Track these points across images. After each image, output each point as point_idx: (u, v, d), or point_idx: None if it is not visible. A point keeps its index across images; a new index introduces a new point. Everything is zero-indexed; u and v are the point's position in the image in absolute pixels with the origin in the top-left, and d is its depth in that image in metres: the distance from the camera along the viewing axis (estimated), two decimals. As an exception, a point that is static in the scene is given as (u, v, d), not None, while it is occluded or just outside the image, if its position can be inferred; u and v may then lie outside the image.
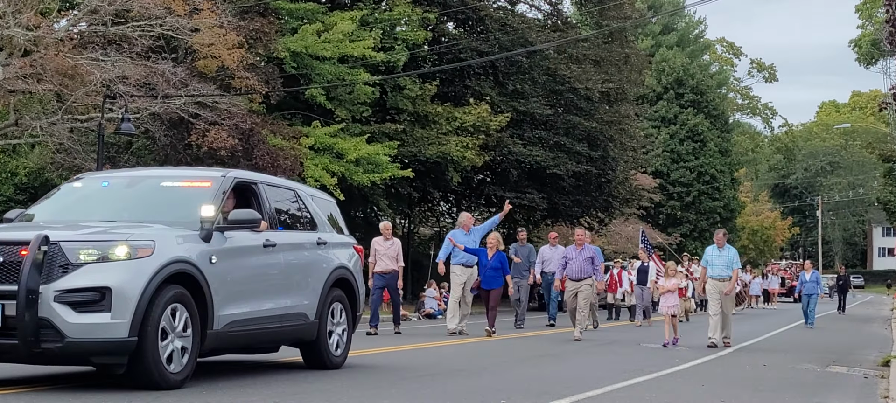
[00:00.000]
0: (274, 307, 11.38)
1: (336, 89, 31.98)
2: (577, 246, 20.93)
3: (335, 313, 12.66)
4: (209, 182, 11.23)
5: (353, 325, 13.27)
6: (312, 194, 13.49)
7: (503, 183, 39.83)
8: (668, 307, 20.00)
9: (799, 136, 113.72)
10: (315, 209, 12.96)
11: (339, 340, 12.74)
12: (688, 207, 69.75)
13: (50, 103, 25.83)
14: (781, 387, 12.54)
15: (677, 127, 70.85)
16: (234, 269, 10.74)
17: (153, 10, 24.54)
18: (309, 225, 12.67)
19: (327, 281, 12.42)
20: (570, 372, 13.55)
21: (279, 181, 13.06)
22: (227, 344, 10.89)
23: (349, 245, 13.49)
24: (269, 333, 11.54)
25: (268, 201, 11.77)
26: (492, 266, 20.77)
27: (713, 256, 20.10)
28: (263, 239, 11.27)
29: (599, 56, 41.37)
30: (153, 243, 9.65)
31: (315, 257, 12.45)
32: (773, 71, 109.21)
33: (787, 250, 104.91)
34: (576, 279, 20.67)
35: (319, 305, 12.21)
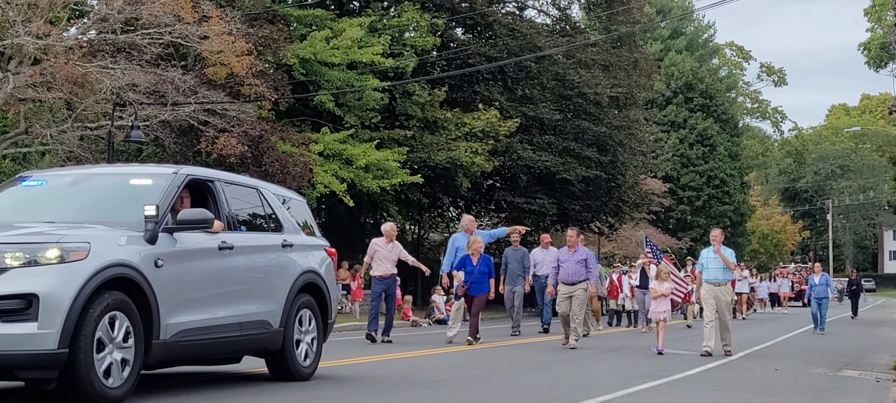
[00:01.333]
0: (231, 314, 10.55)
1: (345, 95, 32.00)
2: (570, 247, 19.69)
3: (303, 320, 11.81)
4: (158, 179, 10.40)
5: (325, 333, 12.51)
6: (279, 193, 12.59)
7: (513, 188, 39.84)
8: (658, 313, 18.97)
9: (809, 140, 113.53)
10: (281, 209, 12.13)
11: (307, 349, 11.88)
12: (698, 211, 69.67)
13: (60, 111, 25.88)
14: (792, 392, 12.50)
15: (687, 131, 70.79)
16: (184, 274, 9.90)
17: (162, 17, 24.58)
18: (273, 227, 11.80)
19: (293, 287, 11.56)
20: (578, 378, 13.52)
21: (240, 179, 12.13)
22: (177, 356, 10.01)
23: (320, 248, 12.66)
24: (227, 343, 10.68)
25: (226, 200, 10.97)
26: (480, 271, 19.67)
27: (708, 259, 18.94)
28: (219, 240, 10.44)
29: (608, 61, 41.34)
30: (88, 245, 8.80)
31: (280, 260, 11.57)
32: (783, 74, 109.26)
33: (798, 254, 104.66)
34: (569, 283, 19.47)
35: (285, 312, 11.36)
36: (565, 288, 19.48)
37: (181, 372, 11.91)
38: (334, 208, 33.88)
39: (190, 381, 11.43)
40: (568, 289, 19.43)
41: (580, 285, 19.35)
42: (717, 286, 18.56)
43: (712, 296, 18.49)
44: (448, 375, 13.31)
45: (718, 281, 18.58)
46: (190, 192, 10.67)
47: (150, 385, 10.48)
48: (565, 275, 19.52)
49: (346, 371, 13.23)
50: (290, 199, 12.78)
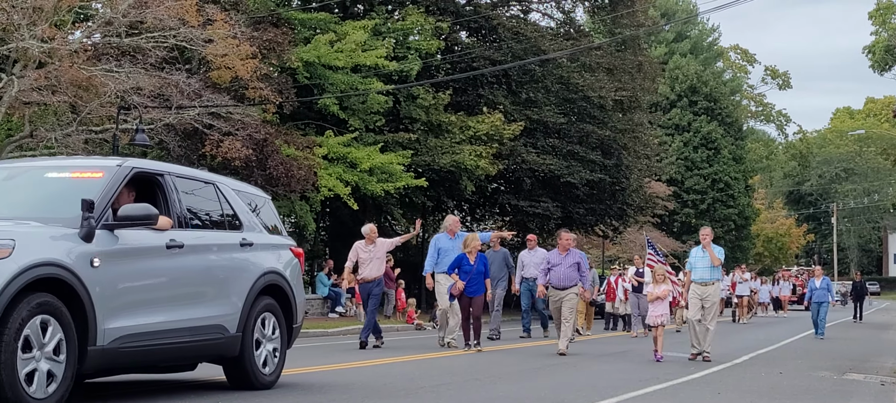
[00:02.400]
0: (180, 318, 9.75)
1: (349, 99, 32.03)
2: (562, 249, 18.36)
3: (264, 325, 11.05)
4: (101, 172, 9.59)
5: (290, 339, 11.70)
6: (240, 189, 11.76)
7: (517, 191, 39.85)
8: (656, 317, 17.90)
9: (813, 143, 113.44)
10: (241, 206, 11.32)
11: (269, 356, 11.09)
12: (702, 215, 69.65)
13: (65, 115, 25.91)
14: (798, 395, 12.48)
15: (691, 134, 70.80)
16: (125, 274, 9.12)
17: (167, 21, 24.61)
18: (231, 224, 11.01)
19: (253, 289, 10.79)
20: (582, 382, 13.51)
21: (195, 173, 11.32)
22: (117, 363, 9.19)
23: (285, 247, 11.90)
24: (175, 349, 9.84)
25: (177, 195, 10.16)
26: (477, 270, 18.57)
27: (696, 258, 18.12)
28: (167, 239, 9.66)
29: (612, 64, 41.35)
30: (12, 242, 8.07)
31: (237, 260, 10.75)
32: (787, 78, 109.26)
33: (803, 257, 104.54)
34: (561, 287, 18.15)
35: (243, 316, 10.58)
36: (556, 292, 18.28)
37: (128, 381, 11.33)
38: (338, 211, 33.92)
39: (137, 390, 10.83)
40: (559, 294, 18.22)
41: (572, 289, 18.13)
42: (704, 285, 17.80)
43: (697, 297, 17.82)
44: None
45: (705, 280, 17.80)
46: (137, 187, 9.95)
47: (91, 394, 10.03)
48: (557, 279, 18.22)
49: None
50: (253, 196, 12.08)
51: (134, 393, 10.58)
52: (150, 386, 11.15)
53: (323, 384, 12.01)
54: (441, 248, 19.50)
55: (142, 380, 11.49)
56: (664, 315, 17.99)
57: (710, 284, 17.76)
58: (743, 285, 38.28)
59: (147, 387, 11.10)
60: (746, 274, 40.01)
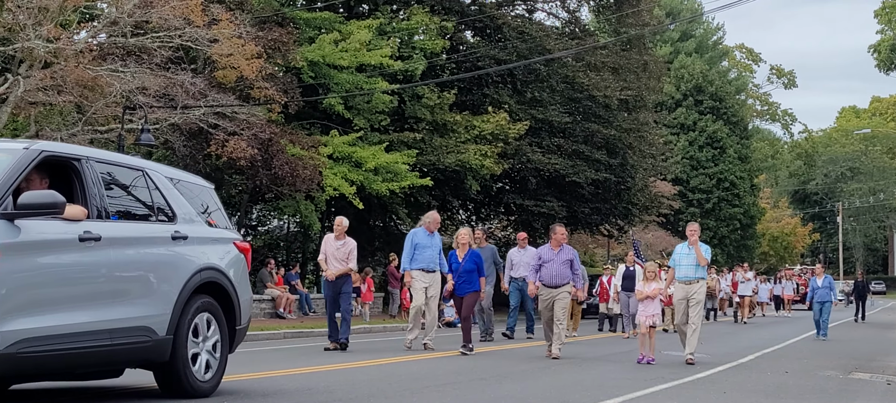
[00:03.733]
0: (97, 320, 8.68)
1: (354, 98, 32.04)
2: (554, 246, 17.36)
3: (201, 327, 9.96)
4: (3, 156, 8.65)
5: (232, 342, 10.64)
6: (175, 177, 10.68)
7: (522, 191, 39.85)
8: (646, 317, 17.05)
9: (819, 142, 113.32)
10: (174, 196, 10.25)
11: (207, 360, 10.02)
12: (707, 214, 69.61)
13: (70, 114, 25.94)
14: (803, 394, 12.47)
15: (696, 133, 70.76)
16: (27, 270, 8.14)
17: (172, 21, 24.62)
18: (162, 216, 9.98)
19: (187, 286, 9.71)
20: (586, 382, 13.50)
21: (121, 158, 10.26)
22: (19, 369, 8.19)
23: (227, 241, 10.83)
24: (92, 354, 8.72)
25: (96, 183, 9.09)
26: (466, 267, 17.81)
27: (681, 255, 17.31)
28: (81, 230, 8.64)
29: (618, 63, 41.33)
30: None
31: (168, 255, 9.70)
32: (793, 77, 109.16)
33: (808, 256, 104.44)
34: (552, 285, 17.16)
35: (174, 317, 9.49)
36: (548, 290, 17.26)
37: (44, 389, 10.44)
38: (344, 211, 33.85)
39: (52, 400, 9.89)
40: (550, 293, 17.22)
41: (564, 287, 17.20)
42: (689, 284, 17.07)
43: (683, 297, 17.12)
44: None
45: (690, 278, 17.06)
46: (51, 173, 8.96)
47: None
48: (548, 277, 17.21)
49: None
50: (191, 185, 10.99)
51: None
52: (68, 395, 10.20)
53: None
54: (417, 244, 18.47)
55: (60, 388, 10.57)
56: (655, 315, 17.18)
57: (694, 282, 17.04)
58: (745, 284, 37.80)
59: (64, 396, 10.11)
60: (749, 273, 39.59)
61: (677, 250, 17.54)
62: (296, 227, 36.01)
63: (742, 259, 67.04)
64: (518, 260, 23.22)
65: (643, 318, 17.05)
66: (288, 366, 14.29)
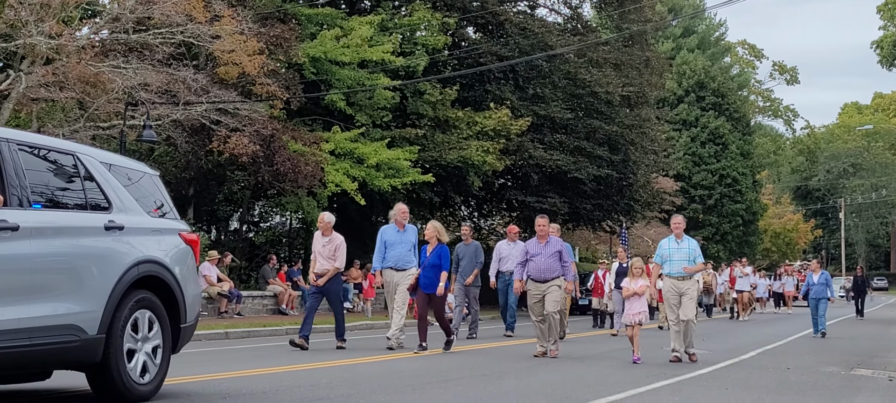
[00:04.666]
0: (15, 317, 7.95)
1: (356, 94, 32.04)
2: (541, 238, 16.60)
3: (139, 325, 9.19)
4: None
5: (177, 341, 9.85)
6: (112, 162, 9.78)
7: (524, 187, 39.83)
8: (632, 314, 16.23)
9: (821, 138, 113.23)
10: (110, 182, 9.42)
11: (146, 362, 9.25)
12: (710, 210, 69.59)
13: (72, 111, 25.96)
14: (805, 391, 12.47)
15: (698, 129, 70.71)
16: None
17: (174, 17, 24.63)
18: (95, 204, 9.14)
19: (122, 281, 8.89)
20: (589, 378, 13.49)
21: (49, 142, 9.39)
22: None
23: (171, 232, 10.06)
24: (10, 355, 7.99)
25: (16, 167, 8.38)
26: (431, 263, 16.85)
27: (671, 250, 16.54)
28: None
29: (620, 59, 41.31)
30: None
31: (100, 247, 8.85)
32: (795, 73, 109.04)
33: (810, 252, 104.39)
34: (540, 280, 16.41)
35: (106, 314, 8.68)
36: (536, 286, 16.51)
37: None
38: (346, 207, 33.91)
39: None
40: (539, 288, 16.48)
41: (554, 282, 16.39)
42: (681, 280, 16.35)
43: (676, 294, 16.38)
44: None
45: (682, 274, 16.34)
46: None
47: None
48: (536, 271, 16.44)
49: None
50: (131, 170, 10.14)
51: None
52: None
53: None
54: (387, 241, 17.72)
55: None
56: (642, 313, 16.26)
57: (687, 278, 16.34)
58: (743, 280, 37.21)
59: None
60: (747, 269, 38.89)
61: (663, 245, 16.79)
62: (298, 224, 35.98)
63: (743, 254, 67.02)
64: (507, 253, 22.11)
65: (629, 317, 16.32)
66: (292, 363, 14.30)
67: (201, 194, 33.16)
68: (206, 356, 15.53)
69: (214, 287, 26.79)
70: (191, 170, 30.56)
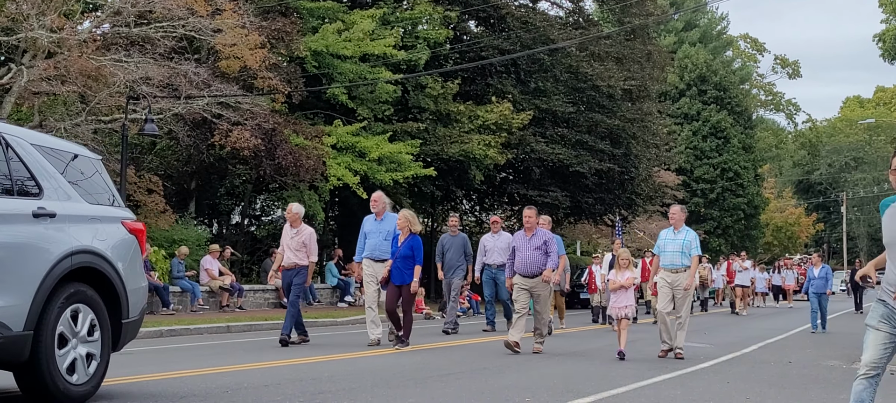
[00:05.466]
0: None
1: (358, 88, 32.04)
2: (527, 231, 16.04)
3: (75, 321, 8.48)
4: None
5: (118, 338, 9.17)
6: (45, 144, 9.00)
7: (526, 181, 39.83)
8: (619, 308, 15.70)
9: (823, 132, 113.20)
10: (42, 166, 8.66)
11: (79, 360, 8.49)
12: (711, 204, 69.58)
13: (74, 105, 25.96)
14: (807, 384, 12.47)
15: (700, 123, 70.67)
16: None
17: (176, 11, 24.63)
18: (23, 189, 8.38)
19: (53, 273, 8.16)
20: (591, 371, 13.50)
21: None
22: None
23: (112, 220, 9.35)
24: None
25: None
26: (402, 254, 16.00)
27: (666, 240, 15.95)
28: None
29: (621, 53, 41.29)
30: None
31: (27, 236, 8.08)
32: (797, 67, 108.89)
33: (812, 246, 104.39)
34: (527, 274, 15.90)
35: (34, 309, 7.95)
36: (523, 280, 15.96)
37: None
38: (347, 201, 33.94)
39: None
40: (526, 282, 15.95)
41: (541, 277, 15.93)
42: (675, 272, 15.73)
43: (667, 285, 15.74)
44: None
45: (676, 266, 15.73)
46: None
47: None
48: (521, 266, 15.94)
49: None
50: (66, 153, 9.31)
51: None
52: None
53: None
54: (366, 232, 17.06)
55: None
56: (629, 306, 15.73)
57: (681, 271, 15.71)
58: (742, 274, 36.83)
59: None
60: (746, 263, 38.50)
61: (662, 236, 16.22)
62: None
63: (746, 248, 66.98)
64: (491, 245, 21.31)
65: (616, 310, 15.77)
66: (293, 357, 14.31)
67: (203, 188, 33.18)
68: (208, 349, 15.54)
69: (216, 281, 26.83)
70: (192, 163, 30.57)
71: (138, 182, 27.44)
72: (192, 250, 27.41)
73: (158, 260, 26.09)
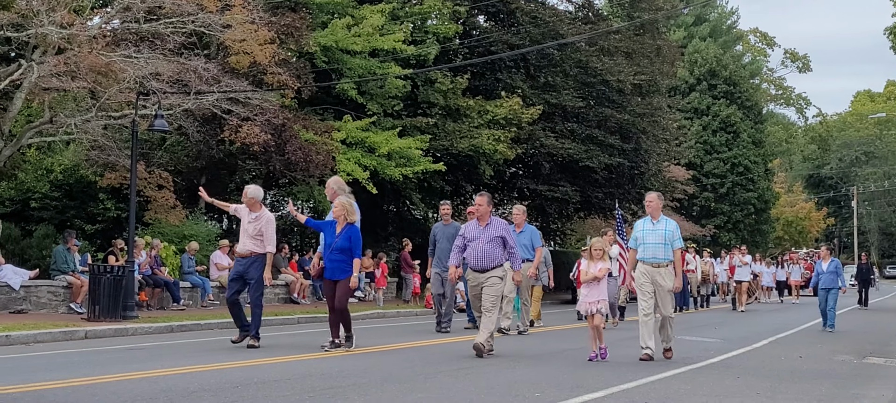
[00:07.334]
0: None
1: (367, 83, 32.02)
2: (480, 220, 14.39)
3: None
4: None
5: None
6: None
7: (535, 176, 39.81)
8: (590, 302, 14.09)
9: (833, 126, 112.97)
10: None
11: None
12: (722, 198, 69.45)
13: (84, 100, 25.97)
14: (818, 378, 12.45)
15: (710, 118, 70.55)
16: None
17: (185, 6, 24.62)
18: None
19: None
20: (600, 366, 13.47)
21: None
22: None
23: None
24: None
25: None
26: (339, 246, 14.38)
27: (645, 232, 14.51)
28: None
29: (631, 48, 41.22)
30: None
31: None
32: (807, 61, 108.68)
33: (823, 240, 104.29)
34: (478, 269, 14.27)
35: None
36: (474, 276, 14.42)
37: None
38: (357, 196, 33.61)
39: None
40: (478, 278, 14.36)
41: (495, 271, 14.25)
42: (657, 267, 14.36)
43: (650, 281, 14.39)
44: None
45: (658, 260, 14.34)
46: None
47: None
48: (473, 259, 14.32)
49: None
50: None
51: None
52: None
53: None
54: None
55: None
56: (601, 301, 14.09)
57: (664, 265, 14.35)
58: (742, 269, 35.49)
59: None
60: (746, 257, 37.02)
61: (638, 226, 14.77)
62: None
63: (756, 243, 66.82)
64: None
65: (586, 305, 14.17)
66: (303, 352, 14.32)
67: (213, 183, 33.16)
68: (218, 344, 15.55)
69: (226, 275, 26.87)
70: (202, 159, 30.58)
71: (148, 178, 27.46)
72: (202, 245, 27.44)
73: (169, 256, 26.12)
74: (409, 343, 16.60)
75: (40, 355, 13.97)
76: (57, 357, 13.52)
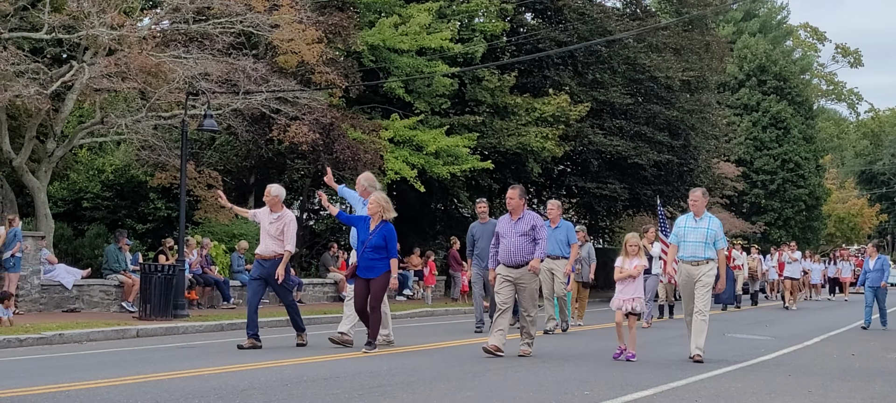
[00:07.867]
0: None
1: (414, 82, 32.06)
2: (512, 214, 14.06)
3: None
4: None
5: None
6: None
7: (584, 173, 39.68)
8: (623, 300, 13.78)
9: (886, 122, 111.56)
10: None
11: None
12: (772, 195, 68.82)
13: (134, 101, 26.22)
14: (871, 377, 12.31)
15: (760, 114, 69.92)
16: None
17: (234, 7, 24.77)
18: None
19: None
20: (650, 364, 13.40)
21: None
22: None
23: None
24: None
25: None
26: (373, 243, 14.07)
27: (686, 229, 14.21)
28: None
29: (679, 44, 40.96)
30: None
31: None
32: (859, 55, 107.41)
33: (875, 237, 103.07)
34: (511, 264, 13.83)
35: None
36: (506, 270, 13.91)
37: None
38: (405, 194, 33.98)
39: None
40: (511, 273, 13.87)
41: (526, 266, 13.82)
42: (696, 265, 14.02)
43: (689, 282, 14.08)
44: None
45: (698, 258, 14.01)
46: None
47: None
48: (505, 255, 13.90)
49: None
50: None
51: None
52: None
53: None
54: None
55: None
56: (636, 299, 13.80)
57: (703, 263, 13.98)
58: (792, 266, 34.84)
59: None
60: (796, 254, 36.46)
61: (679, 223, 14.49)
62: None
63: (807, 239, 66.15)
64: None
65: (621, 302, 13.84)
66: (353, 350, 14.36)
67: (262, 182, 33.35)
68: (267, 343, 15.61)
69: (275, 274, 26.98)
70: (251, 158, 30.77)
71: (198, 177, 27.66)
72: (251, 244, 27.61)
73: (219, 255, 26.31)
74: (458, 341, 16.61)
75: (93, 353, 14.15)
76: (110, 356, 13.67)
